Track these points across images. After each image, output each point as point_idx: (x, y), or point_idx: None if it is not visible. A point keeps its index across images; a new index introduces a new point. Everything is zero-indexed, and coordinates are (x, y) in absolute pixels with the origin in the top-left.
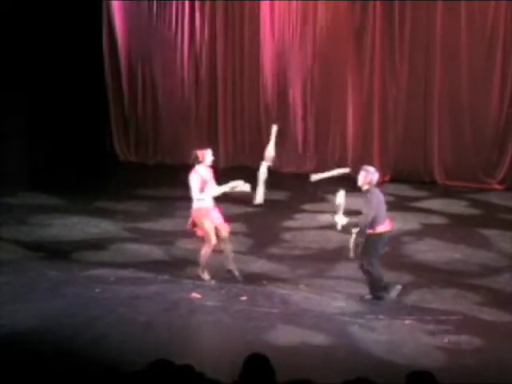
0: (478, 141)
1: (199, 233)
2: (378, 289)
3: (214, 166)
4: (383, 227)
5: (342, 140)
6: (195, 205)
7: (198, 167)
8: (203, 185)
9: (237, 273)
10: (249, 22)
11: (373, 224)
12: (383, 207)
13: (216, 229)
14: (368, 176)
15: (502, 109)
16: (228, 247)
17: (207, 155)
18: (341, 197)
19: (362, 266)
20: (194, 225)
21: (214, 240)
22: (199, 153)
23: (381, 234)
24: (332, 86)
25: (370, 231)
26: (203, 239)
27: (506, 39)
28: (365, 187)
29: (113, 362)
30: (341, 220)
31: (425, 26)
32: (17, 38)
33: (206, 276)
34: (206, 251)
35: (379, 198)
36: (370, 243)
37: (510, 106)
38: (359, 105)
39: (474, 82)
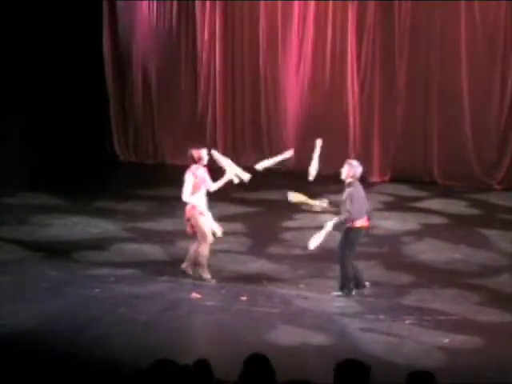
0: (477, 141)
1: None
2: (345, 282)
3: (210, 165)
4: (361, 222)
5: (341, 140)
6: (190, 203)
7: (194, 167)
8: (200, 184)
9: (190, 272)
10: (248, 23)
11: (352, 218)
12: (364, 202)
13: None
14: (351, 169)
15: (502, 109)
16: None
17: (203, 155)
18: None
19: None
20: (192, 226)
21: (210, 238)
22: (195, 152)
23: (358, 229)
24: (332, 85)
25: (348, 225)
26: (197, 238)
27: (507, 40)
28: (348, 180)
29: (113, 361)
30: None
31: (425, 26)
32: (17, 38)
33: (207, 275)
34: (203, 250)
35: (361, 193)
36: (346, 237)
37: (511, 107)
38: (359, 105)
39: (474, 82)
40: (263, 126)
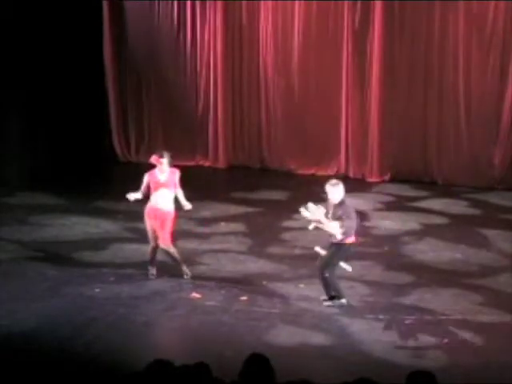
0: (477, 141)
1: None
2: (334, 291)
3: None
4: (352, 239)
5: (341, 140)
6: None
7: (156, 169)
8: (154, 187)
9: (188, 272)
10: (249, 23)
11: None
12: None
13: (155, 233)
14: (339, 189)
15: (502, 109)
16: (172, 252)
17: (163, 160)
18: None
19: (321, 272)
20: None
21: (149, 240)
22: (153, 157)
23: (350, 245)
24: (332, 85)
25: (338, 241)
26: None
27: (506, 39)
28: (338, 200)
29: (112, 362)
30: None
31: (424, 27)
32: (17, 38)
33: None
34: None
35: (353, 209)
36: (336, 252)
37: (511, 106)
38: (359, 105)
39: (474, 83)
40: (263, 126)
